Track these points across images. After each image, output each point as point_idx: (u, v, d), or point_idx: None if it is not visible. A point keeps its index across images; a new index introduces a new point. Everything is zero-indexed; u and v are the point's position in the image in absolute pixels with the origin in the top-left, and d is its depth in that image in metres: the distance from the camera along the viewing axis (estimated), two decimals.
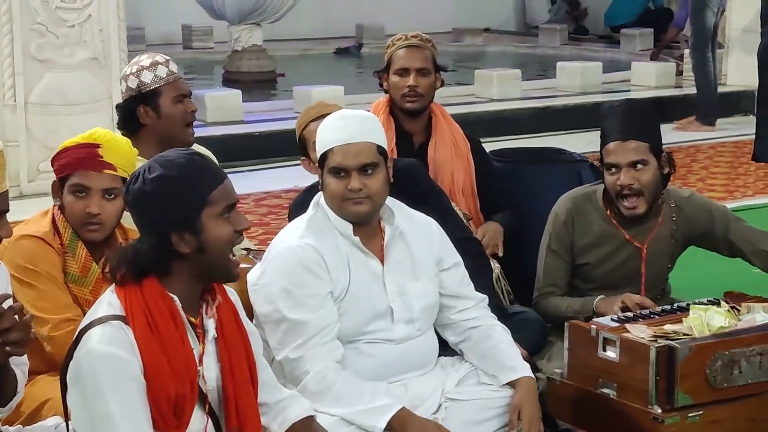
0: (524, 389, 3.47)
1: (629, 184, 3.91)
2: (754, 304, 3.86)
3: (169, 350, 2.62)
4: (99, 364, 2.57)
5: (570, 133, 9.20)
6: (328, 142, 3.37)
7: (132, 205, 2.69)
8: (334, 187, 3.37)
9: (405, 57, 4.56)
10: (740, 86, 10.52)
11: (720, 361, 3.51)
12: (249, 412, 2.76)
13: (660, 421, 3.46)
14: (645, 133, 3.95)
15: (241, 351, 2.78)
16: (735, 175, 7.97)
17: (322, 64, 13.67)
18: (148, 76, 4.01)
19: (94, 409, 2.57)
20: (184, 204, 2.63)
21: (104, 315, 2.63)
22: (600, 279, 4.07)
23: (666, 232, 4.07)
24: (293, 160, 8.51)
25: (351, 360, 3.38)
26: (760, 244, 4.07)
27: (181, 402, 2.63)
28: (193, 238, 2.64)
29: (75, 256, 3.34)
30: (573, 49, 14.40)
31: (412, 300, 3.46)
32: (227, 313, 2.78)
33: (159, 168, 2.64)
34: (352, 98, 9.67)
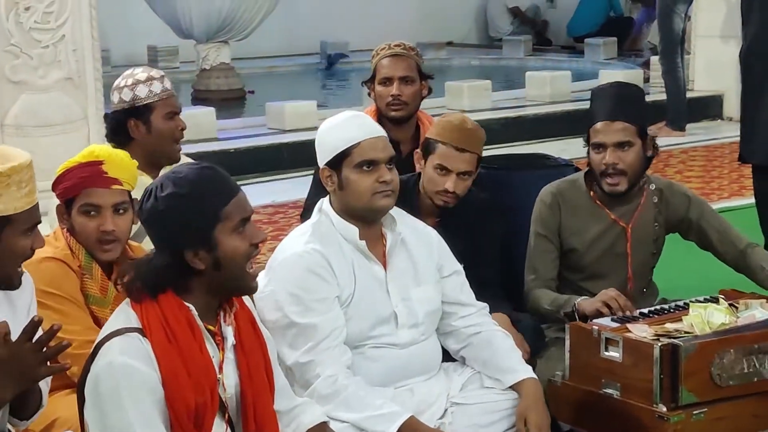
0: (529, 394, 3.48)
1: (614, 164, 3.96)
2: (751, 300, 3.89)
3: (188, 360, 2.60)
4: (118, 376, 2.55)
5: (542, 141, 9.23)
6: (352, 138, 3.36)
7: (146, 223, 2.69)
8: (364, 183, 3.35)
9: (388, 66, 4.58)
10: (708, 91, 10.62)
11: (724, 359, 3.53)
12: (267, 418, 2.75)
13: (665, 420, 3.47)
14: (633, 115, 4.00)
15: (260, 357, 2.78)
16: (709, 178, 8.04)
17: (289, 81, 13.66)
18: (143, 90, 4.00)
19: (113, 422, 2.56)
20: (196, 221, 2.61)
21: (121, 327, 2.61)
22: (589, 267, 4.10)
23: (649, 215, 4.12)
24: (268, 176, 8.59)
25: (357, 365, 3.38)
26: (729, 236, 4.12)
27: (201, 412, 2.62)
28: (207, 254, 2.63)
29: (93, 276, 3.31)
30: (538, 60, 14.48)
31: (415, 305, 3.47)
32: (245, 320, 2.77)
33: (170, 185, 2.62)
34: (326, 113, 9.70)
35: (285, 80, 13.77)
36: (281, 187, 8.03)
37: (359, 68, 14.12)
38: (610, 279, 4.07)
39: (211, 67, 11.80)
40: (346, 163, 3.36)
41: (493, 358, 3.56)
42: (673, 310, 3.85)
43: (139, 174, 3.86)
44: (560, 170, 5.02)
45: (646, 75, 11.47)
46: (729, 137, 9.63)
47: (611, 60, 13.68)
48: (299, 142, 8.77)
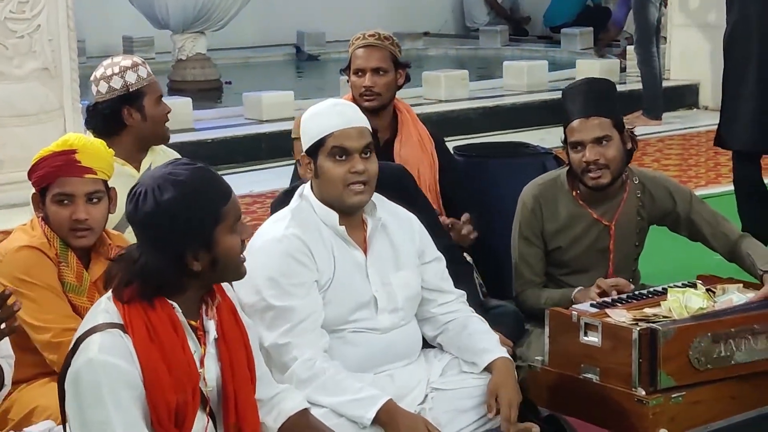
0: (500, 371, 3.47)
1: (595, 160, 3.95)
2: (729, 285, 3.93)
3: (170, 358, 2.59)
4: (98, 373, 2.54)
5: (519, 131, 9.24)
6: (328, 126, 3.37)
7: (142, 226, 2.63)
8: (335, 173, 3.36)
9: (361, 57, 4.58)
10: (684, 80, 10.67)
11: (702, 343, 3.55)
12: (248, 409, 2.75)
13: (644, 403, 3.50)
14: (606, 108, 3.99)
15: (241, 348, 2.77)
16: (686, 167, 8.08)
17: (266, 71, 13.64)
18: (132, 76, 3.99)
19: (93, 419, 2.54)
20: (200, 223, 2.60)
21: (102, 323, 2.59)
22: (572, 262, 4.11)
23: (632, 209, 4.12)
24: (246, 167, 8.58)
25: (336, 350, 3.38)
26: (720, 227, 4.12)
27: (182, 410, 2.61)
28: (206, 254, 2.62)
29: (69, 265, 3.30)
30: (514, 50, 14.49)
31: (395, 290, 3.47)
32: (227, 312, 2.76)
33: (171, 188, 2.58)
34: (302, 103, 9.69)
35: (261, 71, 13.75)
36: (259, 177, 8.03)
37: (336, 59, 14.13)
38: (592, 273, 4.07)
39: (188, 57, 11.77)
40: (321, 151, 3.37)
41: (468, 341, 3.56)
42: (651, 295, 3.88)
43: (122, 164, 3.86)
44: (539, 158, 5.05)
45: (623, 65, 11.51)
46: (705, 126, 9.69)
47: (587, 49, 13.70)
48: (277, 133, 8.76)
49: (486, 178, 4.93)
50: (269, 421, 2.88)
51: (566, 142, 4.03)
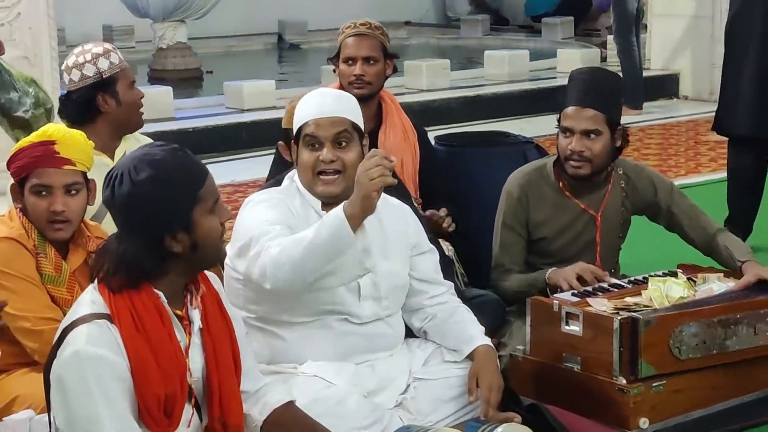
0: (481, 356, 3.49)
1: (580, 151, 3.96)
2: (709, 274, 3.95)
3: (157, 349, 2.57)
4: (85, 366, 2.52)
5: (500, 120, 9.26)
6: (304, 116, 3.42)
7: (119, 209, 2.61)
8: (305, 159, 3.39)
9: (352, 45, 4.58)
10: (664, 70, 10.69)
11: (683, 331, 3.57)
12: (232, 401, 2.74)
13: (625, 392, 3.51)
14: (604, 103, 3.99)
15: (226, 339, 2.75)
16: (666, 156, 8.11)
17: (247, 61, 13.61)
18: (104, 63, 3.97)
19: (81, 411, 2.52)
20: (178, 204, 2.58)
21: (88, 313, 2.57)
22: (557, 253, 4.11)
23: (617, 200, 4.13)
24: (227, 156, 8.56)
25: (318, 337, 3.39)
26: (699, 220, 4.13)
27: (171, 401, 2.59)
28: (186, 236, 2.60)
29: (47, 256, 3.28)
30: (495, 39, 14.49)
31: (380, 278, 3.47)
32: (211, 302, 2.75)
33: (148, 169, 2.56)
34: (283, 92, 9.67)
35: (243, 60, 13.72)
36: (240, 166, 8.01)
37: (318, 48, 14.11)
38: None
39: (168, 46, 11.73)
40: (300, 139, 3.42)
41: (453, 328, 3.57)
42: (632, 285, 3.89)
43: (97, 154, 3.84)
44: (519, 147, 5.05)
45: (603, 54, 11.53)
46: (685, 115, 9.74)
47: (568, 39, 13.72)
48: (258, 122, 8.76)
49: (467, 168, 4.93)
50: (255, 413, 2.88)
51: (559, 124, 4.05)
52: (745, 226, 5.68)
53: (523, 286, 4.00)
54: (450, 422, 3.47)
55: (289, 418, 2.90)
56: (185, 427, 2.68)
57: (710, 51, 10.23)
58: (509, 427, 3.36)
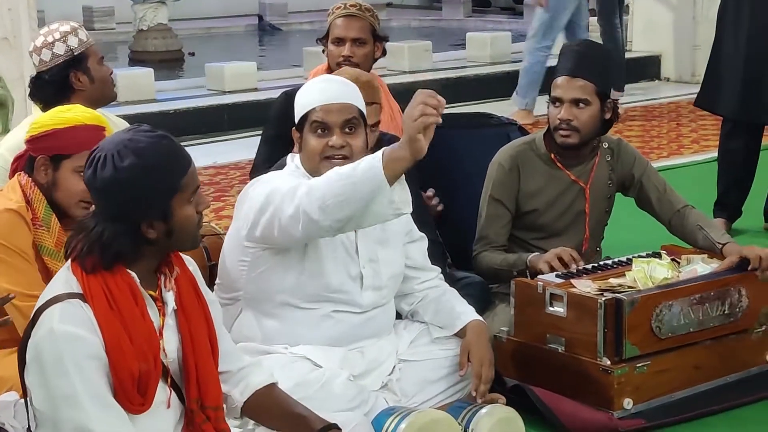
0: (473, 331, 3.51)
1: (567, 120, 3.98)
2: (693, 255, 3.95)
3: (130, 327, 2.57)
4: (60, 345, 2.51)
5: (483, 102, 9.25)
6: (310, 102, 3.38)
7: (100, 191, 2.59)
8: (314, 145, 3.35)
9: (342, 26, 4.56)
10: (646, 52, 10.70)
11: (663, 311, 3.58)
12: (210, 382, 2.73)
13: (609, 373, 3.52)
14: (594, 74, 4.01)
15: (201, 321, 2.74)
16: (648, 138, 8.11)
17: (228, 42, 13.57)
18: (73, 40, 3.99)
19: (57, 390, 2.52)
20: (158, 193, 2.57)
21: (62, 293, 2.56)
22: (547, 226, 4.12)
23: (604, 173, 4.15)
24: (208, 138, 8.53)
25: (316, 323, 3.39)
26: (667, 196, 4.16)
27: (144, 379, 2.59)
28: (162, 224, 2.60)
29: (50, 230, 3.25)
30: (477, 21, 14.50)
31: (381, 267, 3.47)
32: (186, 284, 2.74)
33: (131, 155, 2.54)
34: (264, 74, 9.65)
35: (223, 41, 13.68)
36: (222, 148, 7.99)
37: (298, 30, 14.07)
38: (566, 238, 4.09)
39: (149, 27, 11.69)
40: (305, 125, 3.38)
41: (442, 306, 3.60)
42: (616, 266, 3.89)
43: None
44: (503, 128, 5.04)
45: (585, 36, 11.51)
46: (667, 97, 9.75)
47: None
48: (239, 104, 8.74)
49: (450, 149, 4.92)
50: (236, 394, 2.87)
51: (550, 95, 4.06)
52: (732, 209, 5.71)
53: (503, 264, 4.00)
54: (435, 403, 3.49)
55: (271, 399, 2.89)
56: (165, 407, 2.67)
57: (692, 33, 10.25)
58: (494, 409, 3.37)
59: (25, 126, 3.93)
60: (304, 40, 7.97)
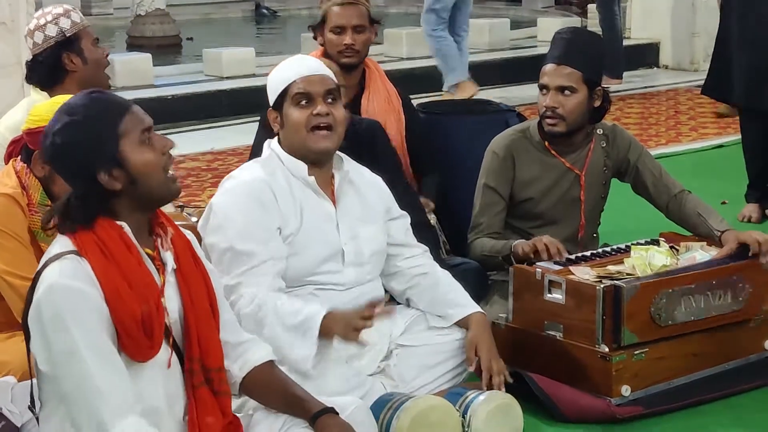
0: (477, 324, 3.52)
1: (552, 107, 3.98)
2: (692, 242, 3.95)
3: (127, 273, 2.59)
4: (59, 298, 2.53)
5: (481, 89, 9.18)
6: (289, 77, 3.41)
7: (51, 162, 2.66)
8: (297, 117, 3.38)
9: (341, 14, 4.53)
10: (644, 39, 10.68)
11: (664, 299, 3.57)
12: (210, 343, 2.74)
13: (607, 360, 3.52)
14: (581, 61, 4.01)
15: (201, 283, 2.76)
16: (647, 125, 8.11)
17: (225, 28, 13.53)
18: (66, 22, 3.99)
19: (59, 345, 2.52)
20: (99, 142, 2.60)
21: (58, 252, 2.59)
22: (544, 214, 4.11)
23: (599, 159, 4.15)
24: (206, 124, 8.51)
25: None
26: (663, 181, 4.15)
27: (148, 321, 2.60)
28: (120, 172, 2.62)
29: None
30: (475, 8, 14.36)
31: (362, 244, 3.48)
32: (182, 246, 2.75)
33: (65, 116, 2.61)
34: (262, 60, 9.62)
35: (221, 27, 13.64)
36: (220, 134, 7.98)
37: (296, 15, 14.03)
38: (563, 225, 4.10)
39: (146, 13, 11.65)
40: (285, 100, 3.41)
41: (439, 295, 3.60)
42: (615, 253, 3.89)
43: None
44: (502, 115, 5.04)
45: (584, 23, 11.50)
46: (665, 85, 9.74)
47: (548, 8, 13.69)
48: (237, 89, 8.72)
49: (449, 135, 4.92)
50: (235, 369, 2.87)
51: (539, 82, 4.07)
52: (763, 191, 5.73)
53: (492, 251, 4.00)
54: (433, 389, 3.49)
55: (269, 376, 2.89)
56: (166, 367, 2.68)
57: (691, 20, 10.23)
58: (491, 395, 3.37)
59: (25, 107, 3.93)
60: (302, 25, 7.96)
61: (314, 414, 2.79)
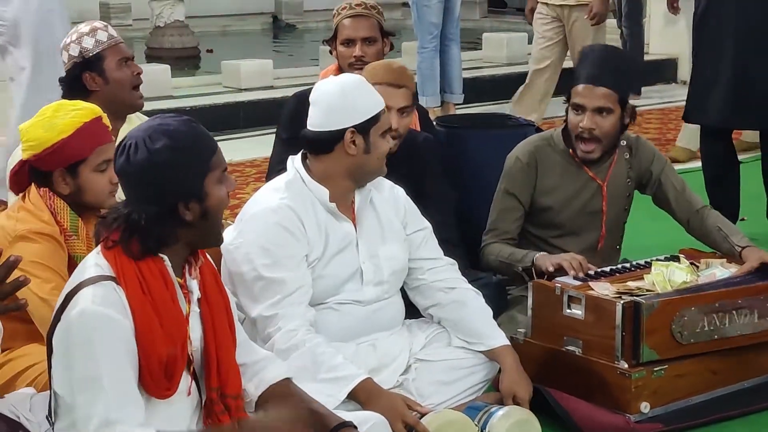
0: (511, 366, 3.49)
1: (590, 129, 3.96)
2: (712, 259, 3.93)
3: (161, 312, 2.58)
4: (91, 325, 2.51)
5: (498, 103, 9.22)
6: (379, 104, 3.41)
7: (135, 177, 2.59)
8: (385, 147, 3.40)
9: (350, 27, 4.55)
10: (662, 55, 10.66)
11: (685, 316, 3.56)
12: (230, 371, 2.73)
13: (626, 376, 3.51)
14: (616, 81, 3.99)
15: (223, 311, 2.76)
16: (665, 141, 8.07)
17: (244, 40, 13.57)
18: (89, 41, 3.96)
19: (81, 371, 2.51)
20: (192, 172, 2.59)
21: (94, 275, 2.56)
22: (564, 224, 4.10)
23: (622, 171, 4.13)
24: (224, 135, 8.52)
25: (320, 319, 3.37)
26: (685, 195, 4.14)
27: (171, 364, 2.59)
28: (197, 205, 2.61)
29: (79, 236, 3.23)
30: (493, 21, 14.47)
31: (382, 263, 3.47)
32: (209, 274, 2.75)
33: (163, 138, 2.56)
34: (280, 72, 9.64)
35: (239, 39, 13.68)
36: (238, 146, 7.97)
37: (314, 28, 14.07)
38: (583, 236, 4.09)
39: (165, 24, 11.69)
40: (375, 128, 3.37)
41: (465, 321, 3.57)
42: (635, 269, 3.88)
43: None
44: (521, 130, 5.03)
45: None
46: (683, 100, 9.64)
47: None
48: (255, 101, 8.73)
49: (467, 150, 4.92)
50: (250, 388, 2.87)
51: (569, 100, 4.03)
52: (729, 216, 5.65)
53: (511, 259, 3.98)
54: (450, 405, 3.47)
55: (286, 393, 2.89)
56: (185, 395, 2.68)
57: None
58: (510, 410, 3.36)
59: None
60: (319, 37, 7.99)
61: (333, 428, 2.79)
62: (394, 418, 3.15)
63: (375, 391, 3.24)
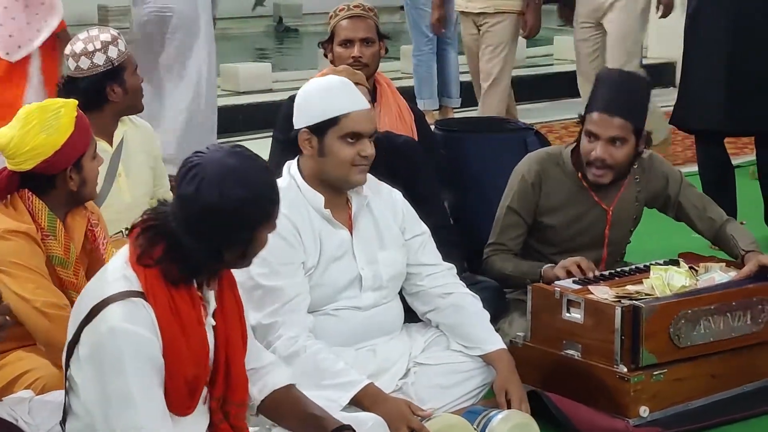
0: (505, 367, 3.48)
1: (602, 158, 3.91)
2: (711, 263, 3.94)
3: (189, 332, 2.60)
4: (121, 343, 2.52)
5: None
6: (341, 107, 3.33)
7: (198, 212, 2.57)
8: (345, 154, 3.33)
9: (348, 28, 4.54)
10: (660, 59, 10.67)
11: (683, 320, 3.56)
12: (240, 379, 2.75)
13: (626, 380, 3.51)
14: (632, 111, 3.92)
15: (237, 321, 2.77)
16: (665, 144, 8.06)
17: (243, 44, 13.56)
18: (114, 51, 3.95)
19: (113, 388, 2.54)
20: (253, 225, 2.62)
21: (124, 290, 2.56)
22: (564, 243, 4.08)
23: (631, 194, 4.10)
24: (223, 138, 8.47)
25: (319, 325, 3.38)
26: (707, 212, 4.11)
27: (194, 384, 2.62)
28: (241, 248, 2.65)
29: (56, 238, 3.20)
30: None
31: (381, 268, 3.47)
32: (227, 285, 2.76)
33: (239, 186, 2.56)
34: (279, 75, 9.64)
35: (238, 42, 13.66)
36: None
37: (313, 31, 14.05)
38: (585, 254, 4.01)
39: None
40: (332, 131, 3.34)
41: (463, 325, 3.56)
42: (634, 273, 3.88)
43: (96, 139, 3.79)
44: (519, 133, 5.04)
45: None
46: None
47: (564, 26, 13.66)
48: (254, 104, 8.72)
49: (467, 153, 4.92)
50: (254, 392, 2.88)
51: (582, 123, 3.98)
52: None
53: (515, 272, 3.98)
54: (449, 409, 3.46)
55: (288, 399, 2.90)
56: (202, 404, 2.71)
57: None
58: (509, 414, 3.36)
59: None
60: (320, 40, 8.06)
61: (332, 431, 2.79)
62: (399, 422, 3.14)
63: (379, 396, 3.24)
